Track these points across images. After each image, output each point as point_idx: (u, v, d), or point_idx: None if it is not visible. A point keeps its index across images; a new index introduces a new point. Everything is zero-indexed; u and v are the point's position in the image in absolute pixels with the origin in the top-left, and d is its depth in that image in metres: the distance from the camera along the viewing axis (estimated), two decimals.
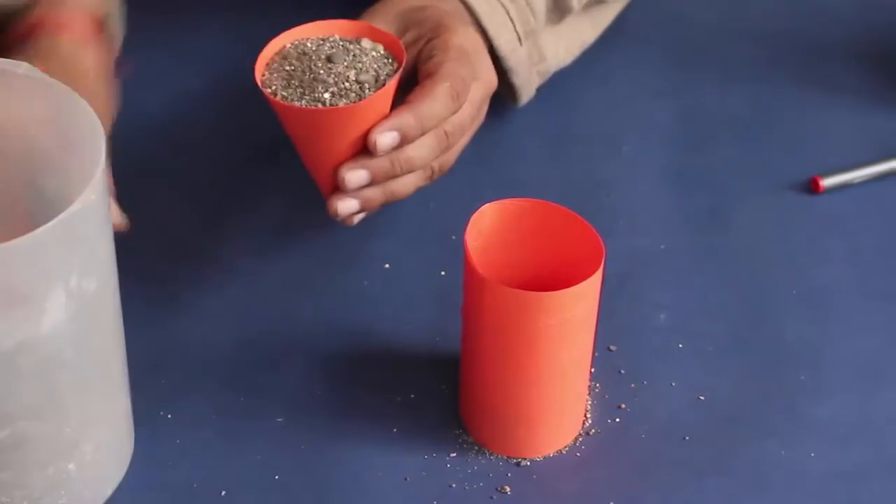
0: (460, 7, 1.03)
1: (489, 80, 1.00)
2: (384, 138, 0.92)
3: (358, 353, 0.98)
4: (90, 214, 0.77)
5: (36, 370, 0.78)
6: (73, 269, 0.77)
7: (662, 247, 1.06)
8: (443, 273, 1.03)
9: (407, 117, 0.93)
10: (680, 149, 1.15)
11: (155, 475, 0.90)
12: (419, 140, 0.95)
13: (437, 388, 0.95)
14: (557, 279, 0.88)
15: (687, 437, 0.93)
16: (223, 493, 0.89)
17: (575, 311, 0.85)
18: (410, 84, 0.96)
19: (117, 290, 0.84)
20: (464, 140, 1.00)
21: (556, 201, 0.90)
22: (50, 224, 0.74)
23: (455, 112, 0.95)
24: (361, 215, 0.98)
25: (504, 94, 1.12)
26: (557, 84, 1.16)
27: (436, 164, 0.98)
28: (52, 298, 0.77)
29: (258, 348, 0.98)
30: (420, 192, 1.09)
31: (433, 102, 0.93)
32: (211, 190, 1.09)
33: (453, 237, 1.03)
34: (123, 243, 1.05)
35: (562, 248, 0.90)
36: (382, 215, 1.07)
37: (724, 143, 1.16)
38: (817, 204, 1.10)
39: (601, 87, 1.20)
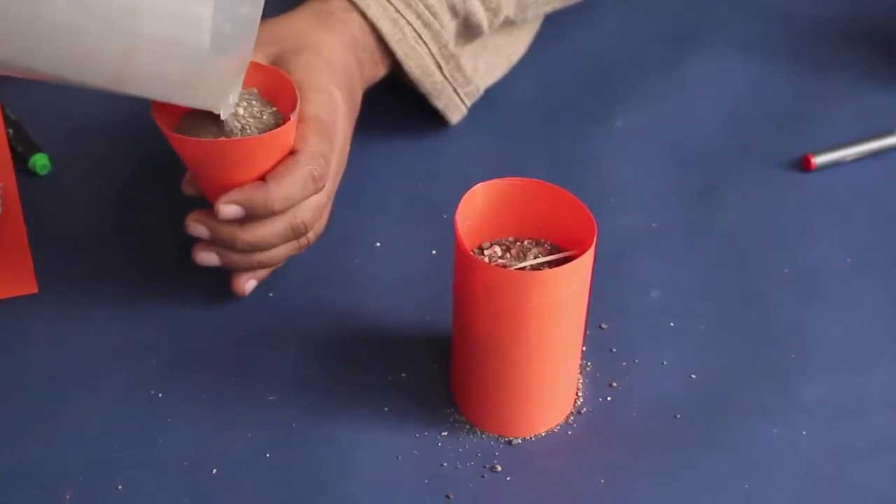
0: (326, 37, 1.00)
1: (344, 147, 0.97)
2: (226, 209, 0.90)
3: (349, 331, 0.98)
4: None
5: None
6: None
7: (654, 225, 1.06)
8: (434, 252, 1.03)
9: (256, 195, 0.90)
10: (672, 126, 1.15)
11: (146, 454, 0.90)
12: (268, 225, 0.92)
13: (429, 366, 0.95)
14: None
15: (678, 416, 0.93)
16: (214, 471, 0.89)
17: (566, 290, 0.85)
18: None
19: None
20: (327, 211, 0.97)
21: (548, 179, 0.89)
22: None
23: (314, 193, 0.92)
24: (253, 283, 0.97)
25: (435, 113, 1.10)
26: (549, 60, 1.16)
27: (305, 239, 0.95)
28: None
29: (249, 327, 0.98)
30: (410, 170, 1.09)
31: (290, 186, 0.90)
32: None
33: (444, 216, 1.03)
34: (115, 224, 1.06)
35: (554, 227, 0.90)
36: (373, 194, 1.07)
37: (716, 120, 1.15)
38: (809, 182, 1.10)
39: (594, 62, 1.20)
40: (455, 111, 1.09)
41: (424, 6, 1.03)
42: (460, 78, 1.07)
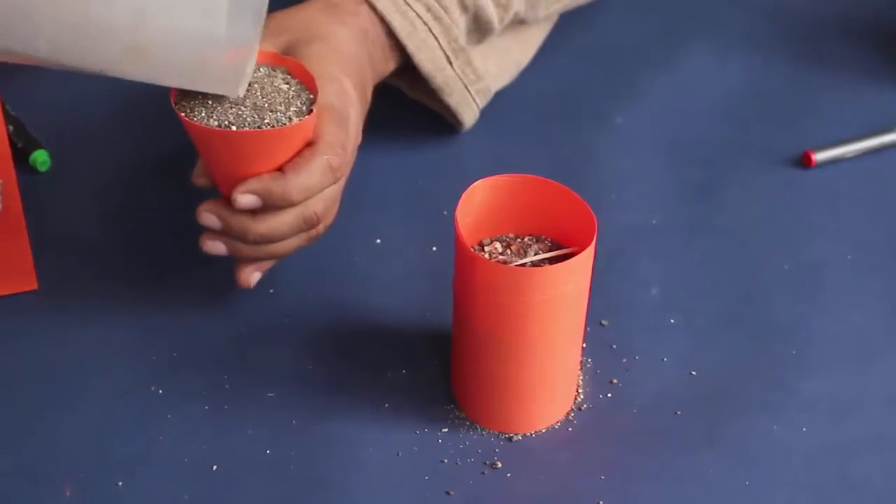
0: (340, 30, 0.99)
1: (357, 137, 0.96)
2: (243, 199, 0.89)
3: (349, 328, 0.98)
4: None
5: None
6: None
7: (654, 221, 1.06)
8: (434, 248, 1.03)
9: (275, 186, 0.89)
10: (672, 122, 1.15)
11: (146, 450, 0.90)
12: (280, 216, 0.91)
13: (429, 363, 0.95)
14: None
15: (678, 412, 0.93)
16: (214, 467, 0.89)
17: (567, 287, 0.85)
18: None
19: None
20: (338, 202, 0.96)
21: (548, 176, 0.89)
22: None
23: (332, 184, 0.92)
24: (258, 275, 0.95)
25: (447, 117, 1.10)
26: (549, 57, 1.16)
27: (315, 231, 0.94)
28: None
29: (249, 323, 0.98)
30: (409, 167, 1.09)
31: (308, 176, 0.89)
32: None
33: (444, 212, 1.03)
34: (115, 220, 1.06)
35: (554, 223, 0.90)
36: (373, 190, 1.07)
37: (716, 116, 1.15)
38: (810, 178, 1.10)
39: (594, 59, 1.20)
40: (467, 110, 1.08)
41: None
42: (471, 74, 1.06)
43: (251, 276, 0.95)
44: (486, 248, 0.90)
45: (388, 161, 1.09)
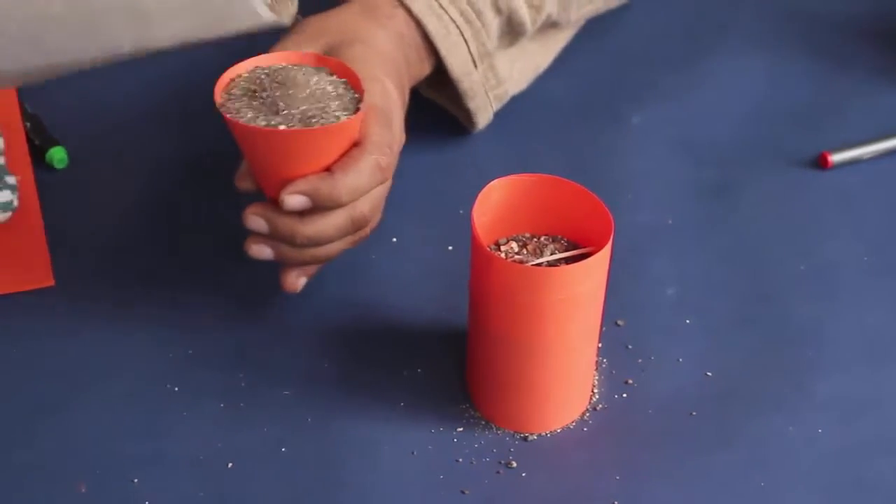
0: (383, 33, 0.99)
1: (401, 137, 0.96)
2: (291, 200, 0.88)
3: (365, 326, 0.98)
4: None
5: None
6: None
7: (670, 221, 1.06)
8: (450, 248, 1.03)
9: (323, 186, 0.88)
10: (689, 122, 1.15)
11: (161, 448, 0.90)
12: (328, 218, 0.90)
13: (444, 362, 0.96)
14: None
15: (694, 413, 0.93)
16: (230, 465, 0.89)
17: (583, 287, 0.85)
18: None
19: None
20: (383, 202, 0.95)
21: (565, 175, 0.89)
22: None
23: (380, 184, 0.91)
24: (304, 280, 0.94)
25: (460, 118, 1.10)
26: (566, 57, 1.16)
27: (363, 232, 0.94)
28: None
29: (265, 321, 0.98)
30: (426, 166, 1.09)
31: (357, 176, 0.89)
32: (217, 167, 1.09)
33: (461, 212, 1.03)
34: (132, 218, 1.06)
35: (570, 223, 0.90)
36: (390, 189, 1.07)
37: (733, 117, 1.15)
38: (826, 180, 1.10)
39: (611, 59, 1.20)
40: (484, 113, 1.08)
41: (467, 3, 1.02)
42: (493, 79, 1.06)
43: (297, 280, 0.94)
44: (503, 248, 0.90)
45: (404, 160, 1.08)
